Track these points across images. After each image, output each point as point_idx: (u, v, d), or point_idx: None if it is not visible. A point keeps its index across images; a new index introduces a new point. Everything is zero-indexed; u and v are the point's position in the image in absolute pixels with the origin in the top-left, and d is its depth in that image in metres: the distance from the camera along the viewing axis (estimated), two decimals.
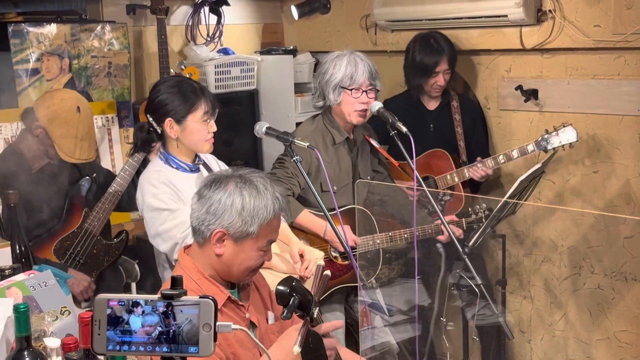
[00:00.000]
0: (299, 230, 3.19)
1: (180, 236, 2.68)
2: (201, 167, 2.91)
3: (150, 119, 2.81)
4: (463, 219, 3.39)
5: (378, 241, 3.28)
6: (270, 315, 2.25)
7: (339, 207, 3.11)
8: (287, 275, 2.00)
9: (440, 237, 3.32)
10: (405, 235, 3.31)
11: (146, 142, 2.89)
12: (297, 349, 1.81)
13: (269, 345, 2.07)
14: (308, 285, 2.02)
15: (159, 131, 2.80)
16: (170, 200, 2.72)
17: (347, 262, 3.30)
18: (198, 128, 2.76)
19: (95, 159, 3.54)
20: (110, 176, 3.33)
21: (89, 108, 3.22)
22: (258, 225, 2.04)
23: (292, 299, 1.80)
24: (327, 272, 2.01)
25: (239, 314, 2.11)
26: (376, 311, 3.45)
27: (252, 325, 2.15)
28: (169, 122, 2.76)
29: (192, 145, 2.80)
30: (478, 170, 3.58)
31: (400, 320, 3.52)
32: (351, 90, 3.21)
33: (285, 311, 1.81)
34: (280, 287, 1.82)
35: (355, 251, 3.22)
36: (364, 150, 3.46)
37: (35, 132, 3.06)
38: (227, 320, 2.05)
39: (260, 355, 2.10)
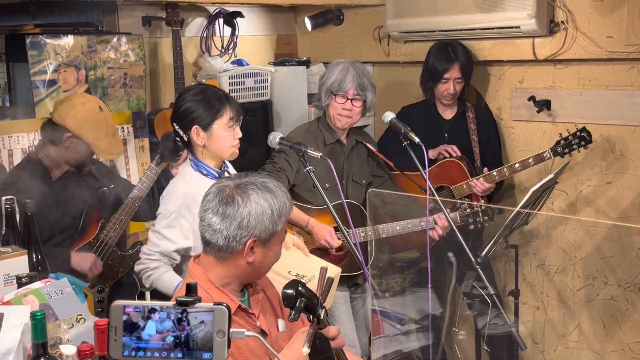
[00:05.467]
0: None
1: (148, 265, 2.80)
2: (226, 174, 2.95)
3: (177, 127, 2.85)
4: (457, 213, 3.39)
5: (370, 233, 3.33)
6: (281, 322, 2.26)
7: (332, 203, 3.21)
8: (292, 279, 2.03)
9: (432, 232, 3.35)
10: (397, 228, 3.36)
11: (173, 151, 2.93)
12: (306, 350, 1.84)
13: (279, 352, 2.08)
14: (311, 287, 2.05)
15: (185, 139, 2.83)
16: (177, 234, 2.78)
17: (340, 252, 3.39)
18: (224, 134, 2.79)
19: (113, 170, 3.59)
20: (128, 187, 3.35)
21: (105, 105, 3.33)
22: (282, 223, 2.11)
23: (298, 301, 1.83)
24: (331, 275, 2.05)
25: (249, 322, 2.13)
26: (388, 320, 3.47)
27: (262, 333, 2.16)
28: (195, 130, 2.78)
29: (218, 152, 2.82)
30: (478, 184, 3.59)
31: (413, 329, 3.52)
32: (336, 95, 3.41)
33: (293, 313, 1.84)
34: (287, 291, 1.86)
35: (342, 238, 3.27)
36: (359, 154, 3.57)
37: (66, 144, 3.09)
38: (238, 328, 2.07)
39: None
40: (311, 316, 1.91)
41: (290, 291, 1.86)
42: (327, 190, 3.25)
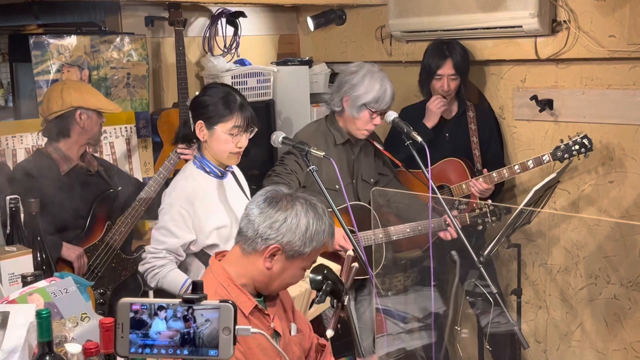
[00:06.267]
0: None
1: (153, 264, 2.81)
2: (229, 174, 2.96)
3: (191, 114, 2.89)
4: (466, 214, 3.40)
5: (381, 235, 3.33)
6: (293, 326, 2.28)
7: (341, 205, 3.23)
8: (318, 263, 2.06)
9: (441, 234, 3.36)
10: (407, 230, 3.35)
11: (186, 137, 2.95)
12: (330, 333, 1.87)
13: (290, 354, 2.13)
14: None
15: (192, 129, 2.85)
16: (176, 227, 2.80)
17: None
18: (224, 138, 2.80)
19: (122, 171, 3.60)
20: (138, 187, 3.36)
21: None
22: (312, 247, 2.10)
23: (324, 284, 1.87)
24: (355, 264, 2.06)
25: (264, 323, 2.15)
26: (391, 318, 3.47)
27: (276, 334, 2.19)
28: (199, 124, 2.82)
29: (216, 153, 2.85)
30: (476, 184, 3.59)
31: (416, 327, 3.53)
32: (373, 112, 3.35)
33: (320, 295, 1.87)
34: (313, 275, 1.89)
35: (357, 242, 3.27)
36: (367, 153, 3.56)
37: (80, 123, 3.13)
38: (253, 327, 2.09)
39: None
40: (336, 301, 1.94)
41: (317, 276, 1.90)
42: (337, 191, 3.25)
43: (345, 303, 1.95)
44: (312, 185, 3.33)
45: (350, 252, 2.13)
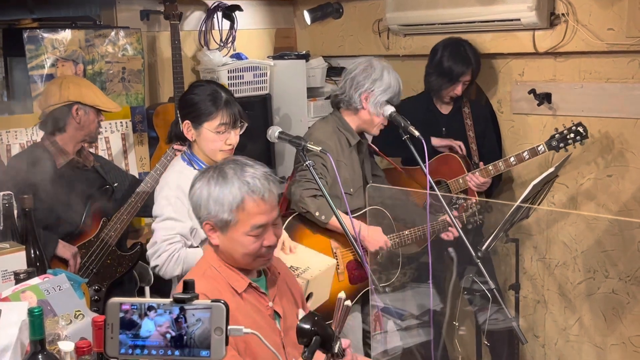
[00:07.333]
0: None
1: (167, 248, 2.73)
2: None
3: (178, 114, 2.86)
4: (463, 214, 3.39)
5: (397, 240, 3.29)
6: (301, 312, 2.26)
7: (356, 209, 3.20)
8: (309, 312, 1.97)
9: (443, 235, 3.34)
10: (419, 233, 3.32)
11: (178, 136, 2.93)
12: None
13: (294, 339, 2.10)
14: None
15: (180, 129, 2.83)
16: (173, 212, 2.76)
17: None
18: (211, 137, 2.77)
19: (119, 168, 3.57)
20: (135, 184, 3.34)
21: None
22: (229, 212, 2.07)
23: (314, 339, 1.74)
24: (348, 302, 1.96)
25: (260, 302, 2.15)
26: (388, 315, 3.45)
27: (276, 314, 2.18)
28: (186, 124, 2.80)
29: (207, 152, 2.82)
30: (473, 178, 3.58)
31: (413, 324, 3.51)
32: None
33: (307, 352, 1.75)
34: (302, 325, 1.74)
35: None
36: (366, 154, 3.50)
37: (77, 119, 3.10)
38: (248, 306, 2.11)
39: (284, 346, 2.14)
40: (325, 352, 1.80)
41: (306, 325, 1.74)
42: (351, 195, 3.21)
43: (336, 351, 1.84)
44: (331, 189, 3.15)
45: (342, 295, 1.99)
